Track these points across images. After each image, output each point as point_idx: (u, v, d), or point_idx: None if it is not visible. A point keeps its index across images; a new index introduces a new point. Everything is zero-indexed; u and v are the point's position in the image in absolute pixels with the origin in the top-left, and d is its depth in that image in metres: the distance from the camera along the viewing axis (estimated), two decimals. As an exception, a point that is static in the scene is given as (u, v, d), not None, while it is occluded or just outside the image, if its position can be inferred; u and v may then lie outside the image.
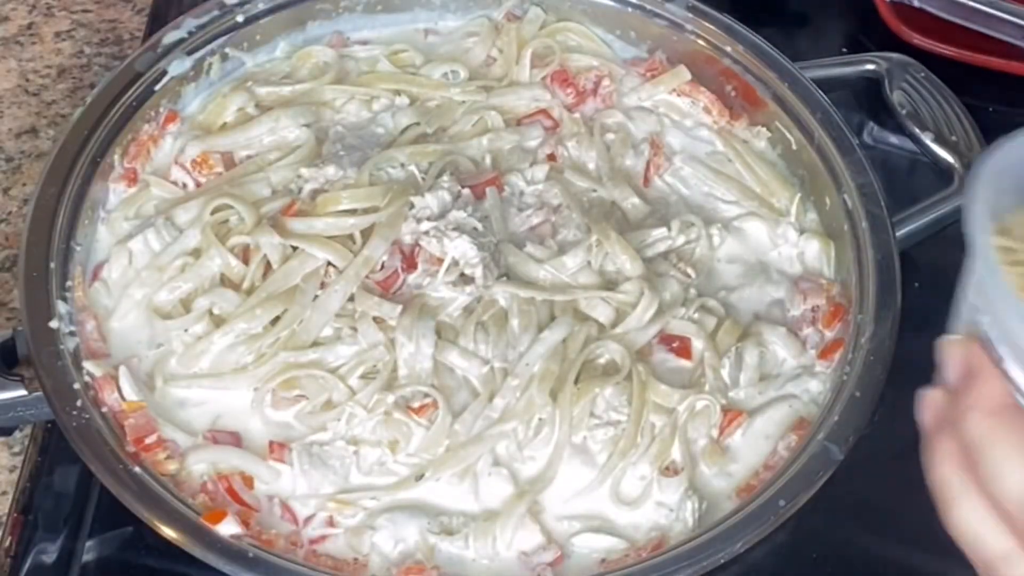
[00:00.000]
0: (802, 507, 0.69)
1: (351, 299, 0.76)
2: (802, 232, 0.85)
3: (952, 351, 0.48)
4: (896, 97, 0.91)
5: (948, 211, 0.84)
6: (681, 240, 0.83)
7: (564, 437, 0.73)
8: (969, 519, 0.46)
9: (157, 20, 0.99)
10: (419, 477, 0.72)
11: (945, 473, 0.47)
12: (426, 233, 0.78)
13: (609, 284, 0.79)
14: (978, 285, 0.46)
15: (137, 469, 0.69)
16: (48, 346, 0.73)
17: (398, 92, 0.90)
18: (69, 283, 0.77)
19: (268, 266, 0.79)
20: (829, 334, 0.79)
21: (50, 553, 0.74)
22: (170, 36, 0.88)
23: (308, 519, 0.71)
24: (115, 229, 0.82)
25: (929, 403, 0.49)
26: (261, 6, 0.91)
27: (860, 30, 1.04)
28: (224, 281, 0.79)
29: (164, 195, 0.84)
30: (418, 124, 0.88)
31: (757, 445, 0.75)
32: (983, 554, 0.46)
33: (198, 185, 0.85)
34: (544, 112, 0.90)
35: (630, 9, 0.94)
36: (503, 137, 0.87)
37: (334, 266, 0.78)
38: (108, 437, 0.70)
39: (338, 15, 0.94)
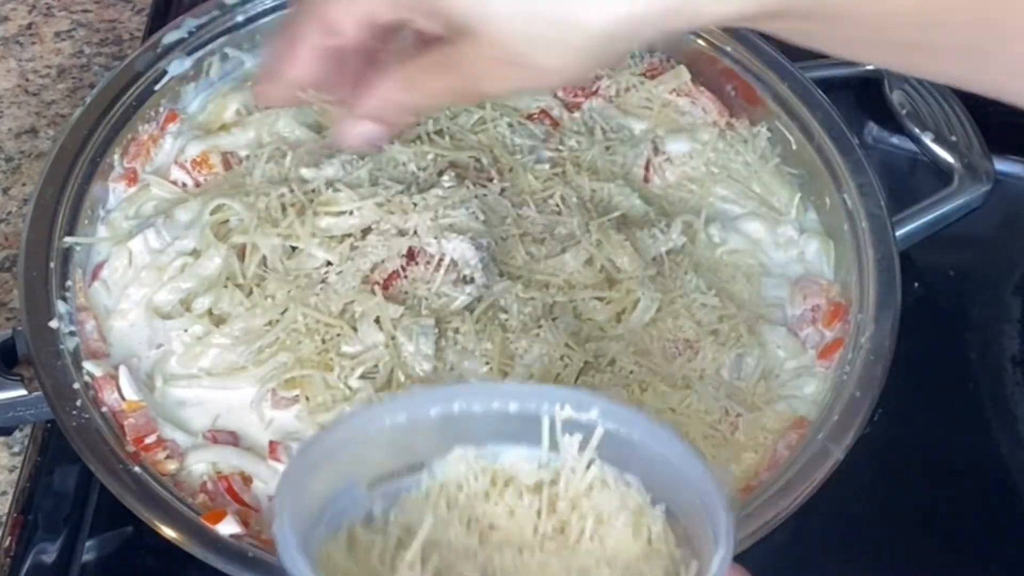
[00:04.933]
0: (801, 507, 0.70)
1: (351, 299, 0.76)
2: (802, 232, 0.85)
3: None
4: (896, 97, 0.91)
5: (948, 211, 0.84)
6: (681, 240, 0.83)
7: (564, 437, 0.73)
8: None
9: (157, 20, 0.99)
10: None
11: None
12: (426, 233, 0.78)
13: (609, 284, 0.79)
14: None
15: (137, 469, 0.69)
16: (48, 346, 0.73)
17: (398, 92, 0.90)
18: (69, 283, 0.77)
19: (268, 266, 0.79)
20: (829, 334, 0.79)
21: (50, 553, 0.74)
22: (170, 36, 0.88)
23: (308, 519, 0.71)
24: (115, 229, 0.82)
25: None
26: (261, 6, 0.91)
27: (860, 30, 1.03)
28: (224, 281, 0.79)
29: (164, 195, 0.84)
30: (418, 124, 0.88)
31: (756, 445, 0.75)
32: None
33: (198, 185, 0.85)
34: (544, 112, 0.90)
35: (630, 9, 0.94)
36: (503, 137, 0.87)
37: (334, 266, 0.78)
38: (108, 437, 0.70)
39: (338, 15, 0.94)
